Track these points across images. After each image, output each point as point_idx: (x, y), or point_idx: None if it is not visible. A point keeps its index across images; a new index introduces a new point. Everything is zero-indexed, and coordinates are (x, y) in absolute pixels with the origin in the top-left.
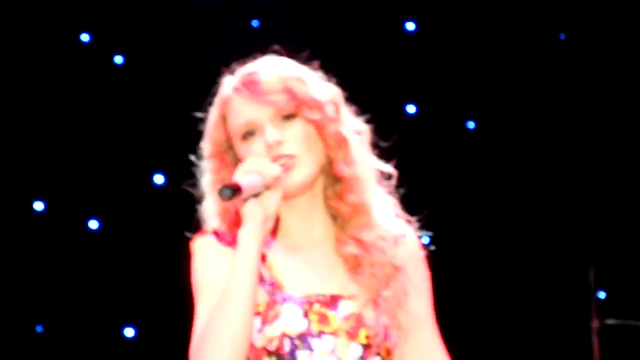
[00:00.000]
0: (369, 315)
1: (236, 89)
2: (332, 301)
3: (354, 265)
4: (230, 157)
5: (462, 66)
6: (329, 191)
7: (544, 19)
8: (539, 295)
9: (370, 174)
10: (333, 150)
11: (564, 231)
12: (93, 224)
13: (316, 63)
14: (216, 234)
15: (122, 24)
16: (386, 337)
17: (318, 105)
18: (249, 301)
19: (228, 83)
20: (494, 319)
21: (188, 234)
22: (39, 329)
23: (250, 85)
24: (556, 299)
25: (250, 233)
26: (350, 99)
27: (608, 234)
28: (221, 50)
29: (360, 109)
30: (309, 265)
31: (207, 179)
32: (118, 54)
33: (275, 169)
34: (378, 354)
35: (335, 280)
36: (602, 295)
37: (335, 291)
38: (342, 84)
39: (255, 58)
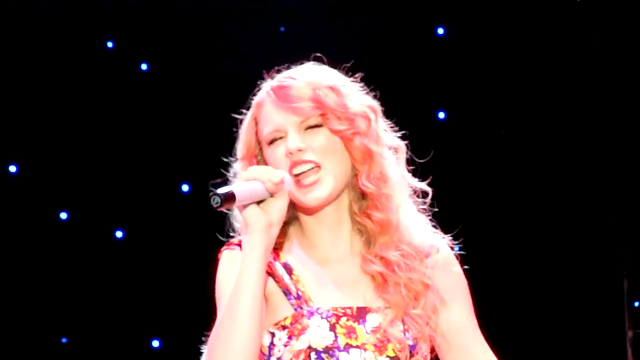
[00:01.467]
0: (397, 329)
1: (267, 93)
2: (360, 314)
3: (380, 283)
4: (260, 161)
5: (491, 71)
6: (355, 206)
7: (577, 23)
8: (574, 306)
9: (401, 191)
10: (358, 164)
11: (599, 241)
12: (119, 234)
13: (359, 74)
14: (241, 247)
15: (147, 30)
16: (415, 351)
17: (347, 117)
18: (255, 309)
19: (264, 87)
20: (530, 330)
21: (219, 238)
22: (64, 340)
23: (280, 91)
24: (591, 309)
25: (253, 240)
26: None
27: None
28: (250, 56)
29: (390, 115)
30: (335, 279)
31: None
32: (143, 61)
33: (277, 176)
34: None
35: (362, 295)
36: (636, 304)
37: (362, 304)
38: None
39: (297, 64)
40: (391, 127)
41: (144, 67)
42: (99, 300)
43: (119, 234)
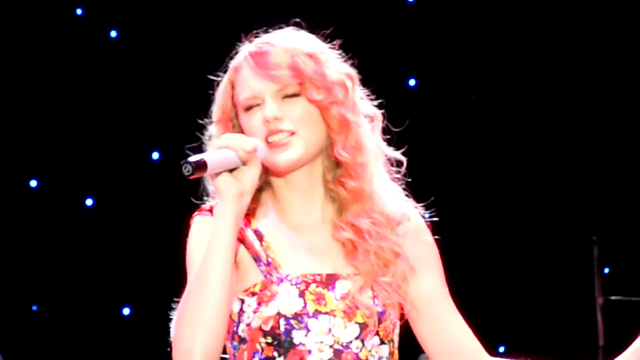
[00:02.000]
0: (366, 296)
1: (245, 58)
2: (329, 281)
3: (350, 251)
4: (235, 125)
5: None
6: (329, 175)
7: None
8: (545, 272)
9: (376, 160)
10: (334, 133)
11: (569, 208)
12: (89, 202)
13: (337, 41)
14: (213, 211)
15: None
16: (384, 317)
17: (324, 86)
18: (225, 277)
19: (242, 51)
20: (501, 298)
21: (189, 206)
22: (34, 307)
23: (258, 57)
24: (561, 275)
25: (224, 208)
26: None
27: (613, 211)
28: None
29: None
30: (306, 246)
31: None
32: (112, 28)
33: (249, 144)
34: (377, 333)
35: (332, 262)
36: (606, 271)
37: (331, 271)
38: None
39: (275, 28)
40: (367, 96)
41: (113, 34)
42: (69, 268)
43: (89, 202)
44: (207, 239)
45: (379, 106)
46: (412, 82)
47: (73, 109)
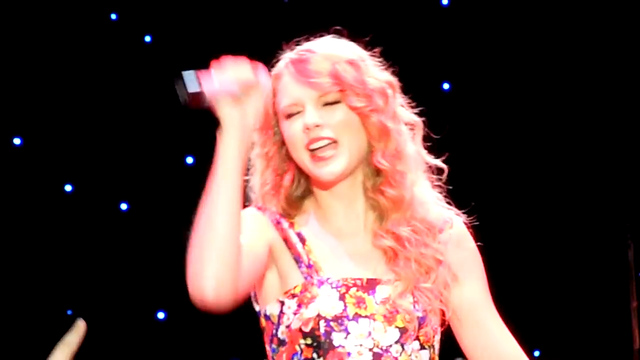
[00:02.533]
0: (406, 301)
1: (286, 65)
2: (370, 285)
3: (391, 257)
4: (276, 132)
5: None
6: (369, 183)
7: None
8: (579, 277)
9: (416, 168)
10: (374, 140)
11: (604, 213)
12: (123, 206)
13: (378, 48)
14: (259, 208)
15: (150, 2)
16: (425, 323)
17: (365, 93)
18: (232, 208)
19: (284, 58)
20: (535, 300)
21: None
22: (69, 312)
23: (298, 64)
24: (596, 280)
25: (229, 137)
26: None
27: None
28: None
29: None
30: (347, 252)
31: (255, 151)
32: (147, 33)
33: (250, 75)
34: (417, 338)
35: (373, 267)
36: None
37: (372, 276)
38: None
39: (317, 36)
40: (408, 103)
41: (147, 39)
42: (104, 273)
43: (123, 206)
44: (249, 219)
45: (419, 114)
46: (446, 86)
47: (108, 113)
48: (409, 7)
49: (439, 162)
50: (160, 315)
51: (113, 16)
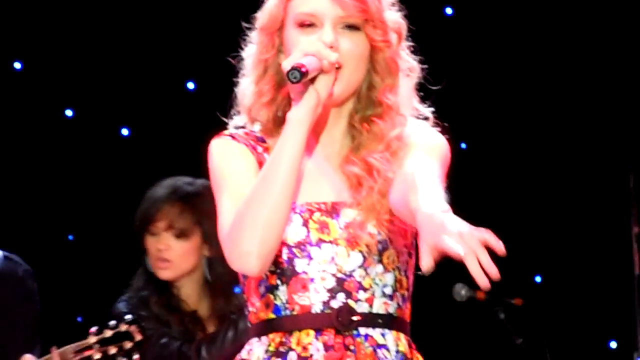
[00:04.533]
0: (370, 225)
1: None
2: (334, 209)
3: (354, 185)
4: (277, 38)
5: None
6: (358, 115)
7: None
8: (580, 202)
9: (407, 112)
10: (382, 75)
11: (605, 139)
12: (124, 132)
13: None
14: (232, 136)
15: None
16: (387, 246)
17: (383, 28)
18: (291, 181)
19: None
20: (536, 226)
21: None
22: (70, 237)
23: None
24: (597, 205)
25: (301, 114)
26: None
27: None
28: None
29: None
30: (316, 174)
31: (251, 50)
32: None
33: (333, 55)
34: (380, 262)
35: (337, 191)
36: None
37: (337, 199)
38: None
39: None
40: (411, 50)
41: None
42: (105, 198)
43: (124, 132)
44: (232, 155)
45: (414, 34)
46: (449, 11)
47: (108, 38)
48: (411, 17)
49: (427, 111)
50: None
51: None
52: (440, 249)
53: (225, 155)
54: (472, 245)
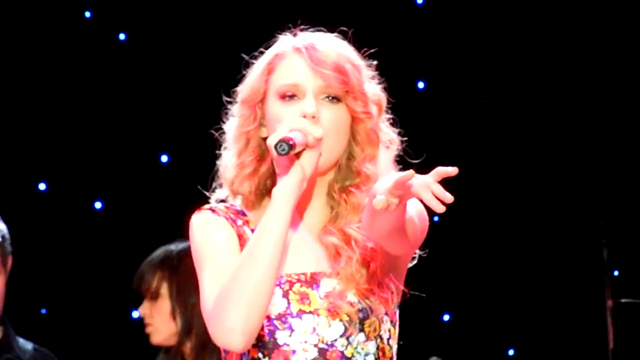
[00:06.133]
0: (350, 293)
1: (297, 49)
2: (313, 280)
3: (332, 255)
4: (258, 110)
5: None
6: (337, 185)
7: None
8: (554, 276)
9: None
10: (362, 146)
11: (579, 212)
12: (98, 205)
13: (375, 62)
14: (212, 210)
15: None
16: (368, 314)
17: (364, 100)
18: (276, 256)
19: (287, 41)
20: (510, 299)
21: (198, 208)
22: (43, 311)
23: (312, 51)
24: (571, 279)
25: (286, 189)
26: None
27: (622, 214)
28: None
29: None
30: (295, 245)
31: (233, 123)
32: (121, 31)
33: (318, 131)
34: (362, 330)
35: (316, 261)
36: (616, 274)
37: (315, 270)
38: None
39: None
40: (390, 123)
41: (122, 37)
42: (78, 272)
43: (98, 205)
44: (213, 229)
45: (390, 108)
46: (420, 85)
47: (81, 112)
48: (383, 7)
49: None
50: (135, 314)
51: (87, 14)
52: (396, 186)
53: (206, 229)
54: (424, 181)
